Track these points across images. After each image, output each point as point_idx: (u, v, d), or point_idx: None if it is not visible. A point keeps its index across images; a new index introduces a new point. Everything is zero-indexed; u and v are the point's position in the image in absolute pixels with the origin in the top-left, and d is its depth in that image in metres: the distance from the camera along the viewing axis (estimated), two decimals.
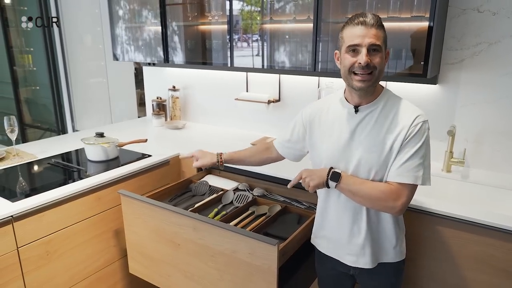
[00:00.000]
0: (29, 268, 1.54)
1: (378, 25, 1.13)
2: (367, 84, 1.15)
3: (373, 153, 1.18)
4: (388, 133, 1.17)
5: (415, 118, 1.15)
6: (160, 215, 1.57)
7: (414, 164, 1.14)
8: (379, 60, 1.13)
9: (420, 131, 1.14)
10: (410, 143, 1.14)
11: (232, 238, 1.39)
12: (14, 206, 1.49)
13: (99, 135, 2.05)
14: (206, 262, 1.50)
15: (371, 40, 1.11)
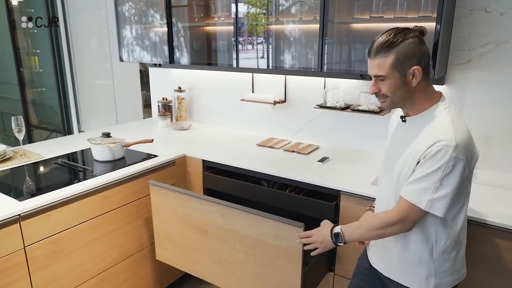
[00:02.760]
0: (36, 267, 1.54)
1: (382, 51, 1.11)
2: (385, 106, 1.19)
3: (403, 168, 1.17)
4: (418, 144, 1.13)
5: (438, 141, 1.07)
6: (190, 203, 1.70)
7: (422, 186, 1.10)
8: (387, 88, 1.14)
9: (437, 155, 1.06)
10: (425, 164, 1.09)
11: (259, 222, 1.51)
12: (22, 205, 1.49)
13: (105, 135, 2.06)
14: (233, 246, 1.63)
15: (373, 71, 1.14)
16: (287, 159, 2.07)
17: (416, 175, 1.11)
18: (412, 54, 1.10)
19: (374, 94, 1.17)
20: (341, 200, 1.71)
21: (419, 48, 1.12)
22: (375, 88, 1.15)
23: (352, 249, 1.72)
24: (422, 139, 1.12)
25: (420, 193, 1.10)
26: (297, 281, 1.50)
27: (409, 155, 1.15)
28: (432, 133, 1.11)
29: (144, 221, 2.00)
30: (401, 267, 1.25)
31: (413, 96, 1.15)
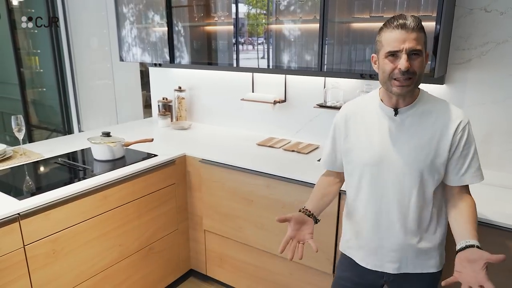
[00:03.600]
0: (35, 266, 1.54)
1: (419, 28, 1.08)
2: (406, 89, 1.11)
3: (419, 155, 1.16)
4: (434, 135, 1.15)
5: (461, 121, 1.14)
6: (238, 176, 1.98)
7: (477, 165, 1.18)
8: (419, 65, 1.10)
9: (470, 134, 1.16)
10: (467, 145, 1.16)
11: (300, 190, 1.77)
12: (21, 204, 1.50)
13: (105, 135, 2.06)
14: (277, 213, 1.85)
15: (411, 45, 1.07)
16: (287, 158, 2.07)
17: (465, 159, 1.16)
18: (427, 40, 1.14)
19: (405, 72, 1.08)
20: (341, 200, 1.71)
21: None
22: (407, 64, 1.07)
23: None
24: (438, 123, 1.15)
25: (479, 170, 1.19)
26: (331, 241, 1.74)
27: (429, 140, 1.15)
28: (448, 115, 1.15)
29: (144, 220, 2.00)
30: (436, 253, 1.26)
31: (420, 81, 1.14)
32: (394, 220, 1.22)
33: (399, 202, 1.21)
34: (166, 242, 2.17)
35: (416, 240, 1.23)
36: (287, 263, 1.97)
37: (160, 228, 2.11)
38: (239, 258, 2.16)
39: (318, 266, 1.85)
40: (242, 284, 2.21)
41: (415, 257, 1.25)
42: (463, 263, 1.05)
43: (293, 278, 1.98)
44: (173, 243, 2.21)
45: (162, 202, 2.08)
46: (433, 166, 1.16)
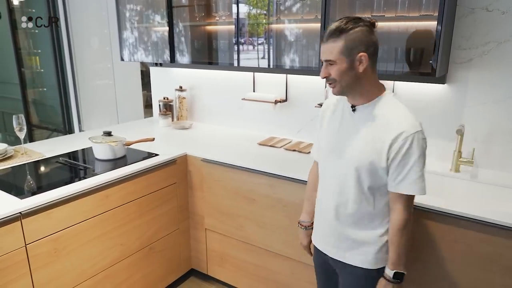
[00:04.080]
0: (37, 265, 1.54)
1: (332, 37, 1.17)
2: (335, 91, 1.23)
3: (360, 154, 1.22)
4: (378, 138, 1.20)
5: (404, 131, 1.16)
6: (240, 176, 1.98)
7: (417, 175, 1.17)
8: (335, 73, 1.18)
9: (413, 144, 1.15)
10: (407, 155, 1.16)
11: (303, 189, 1.64)
12: (23, 203, 1.50)
13: (106, 134, 2.06)
14: (279, 212, 1.89)
15: (324, 56, 1.20)
16: (289, 158, 2.07)
17: (406, 169, 1.17)
18: (359, 41, 1.16)
19: (325, 78, 1.22)
20: None
21: (367, 37, 1.17)
22: (325, 72, 1.20)
23: None
24: (385, 129, 1.19)
25: (419, 181, 1.18)
26: None
27: (372, 142, 1.20)
28: (394, 123, 1.18)
29: (146, 220, 2.00)
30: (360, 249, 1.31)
31: (360, 83, 1.20)
32: (331, 208, 1.32)
33: (338, 193, 1.30)
34: (167, 242, 2.16)
35: (351, 232, 1.30)
36: (288, 262, 1.97)
37: (161, 228, 2.11)
38: (240, 257, 2.16)
39: None
40: (243, 284, 2.21)
41: (351, 249, 1.32)
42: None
43: (295, 277, 1.98)
44: (174, 243, 2.21)
45: (163, 201, 2.08)
46: (372, 167, 1.21)
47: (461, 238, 1.47)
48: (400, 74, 1.83)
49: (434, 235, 1.52)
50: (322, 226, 1.39)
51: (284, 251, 1.97)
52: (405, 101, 1.96)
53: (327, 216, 1.35)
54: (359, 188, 1.25)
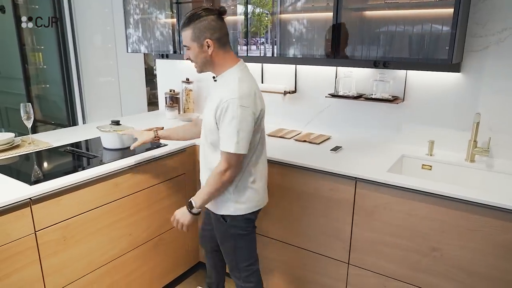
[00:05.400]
0: (46, 253, 1.51)
1: (184, 26, 1.43)
2: (197, 70, 1.52)
3: (207, 111, 1.49)
4: (214, 100, 1.44)
5: (223, 98, 1.39)
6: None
7: (228, 135, 1.39)
8: (191, 55, 1.47)
9: (229, 109, 1.37)
10: (224, 118, 1.39)
11: (316, 178, 1.76)
12: (33, 189, 1.47)
13: (114, 123, 2.03)
14: (291, 201, 1.87)
15: (183, 41, 1.46)
16: (300, 148, 2.04)
17: (222, 129, 1.41)
18: (205, 30, 1.41)
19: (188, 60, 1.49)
20: (357, 188, 1.68)
21: (213, 24, 1.41)
22: (186, 55, 1.49)
23: (367, 241, 1.69)
24: (216, 96, 1.44)
25: (229, 140, 1.39)
26: (348, 229, 1.73)
27: (211, 106, 1.45)
28: (221, 92, 1.43)
29: (154, 210, 1.97)
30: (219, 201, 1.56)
31: (213, 62, 1.47)
32: (201, 164, 1.61)
33: (202, 152, 1.58)
34: (175, 234, 2.13)
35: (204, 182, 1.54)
36: (300, 253, 1.94)
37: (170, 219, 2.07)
38: None
39: (334, 255, 1.82)
40: None
41: (214, 201, 1.56)
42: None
43: (307, 269, 1.94)
44: (182, 235, 2.18)
45: (172, 192, 2.05)
46: (210, 126, 1.46)
47: (480, 226, 1.43)
48: (414, 62, 1.80)
49: (452, 223, 1.49)
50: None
51: (295, 241, 1.93)
52: (419, 91, 1.97)
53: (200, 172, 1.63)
54: (211, 147, 1.51)
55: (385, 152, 1.96)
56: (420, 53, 1.74)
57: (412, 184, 1.54)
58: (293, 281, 2.01)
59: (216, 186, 1.47)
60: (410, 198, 1.56)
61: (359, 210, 1.70)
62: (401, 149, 2.00)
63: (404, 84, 2.02)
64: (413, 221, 1.58)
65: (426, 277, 1.60)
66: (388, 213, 1.62)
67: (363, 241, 1.72)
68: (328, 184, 1.75)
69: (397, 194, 1.58)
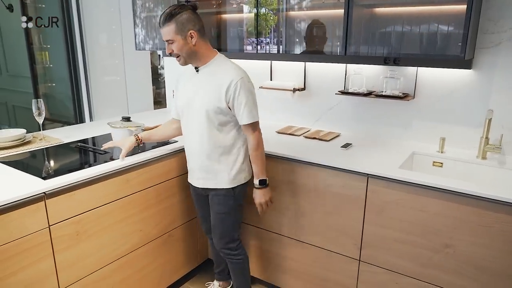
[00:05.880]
0: (59, 247, 1.52)
1: (166, 22, 1.54)
2: (181, 63, 1.63)
3: (206, 99, 1.61)
4: (217, 85, 1.59)
5: (232, 80, 1.57)
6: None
7: (250, 108, 1.60)
8: (176, 48, 1.58)
9: (242, 87, 1.57)
10: (240, 96, 1.57)
11: (328, 174, 1.77)
12: (47, 183, 1.47)
13: (125, 119, 2.03)
14: (302, 198, 1.88)
15: (164, 37, 1.58)
16: (309, 145, 2.04)
17: (239, 105, 1.58)
18: (187, 22, 1.55)
19: (170, 54, 1.59)
20: (368, 184, 1.67)
21: (192, 17, 1.56)
22: (169, 49, 1.59)
23: (379, 238, 1.69)
24: (220, 79, 1.59)
25: (251, 112, 1.61)
26: (359, 226, 1.74)
27: (214, 91, 1.59)
28: (225, 75, 1.59)
29: (164, 207, 1.98)
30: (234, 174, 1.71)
31: (197, 52, 1.61)
32: (195, 146, 1.70)
33: (198, 132, 1.67)
34: (184, 230, 2.14)
35: (207, 164, 1.70)
36: (309, 249, 1.94)
37: (179, 215, 2.08)
38: (258, 245, 2.13)
39: (344, 251, 1.82)
40: (261, 273, 2.17)
41: (210, 177, 1.72)
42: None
43: (317, 266, 1.94)
44: (191, 231, 2.19)
45: (181, 188, 2.06)
46: (217, 108, 1.60)
47: (492, 222, 1.43)
48: (425, 59, 1.80)
49: (464, 219, 1.49)
50: (190, 165, 1.80)
51: (306, 238, 1.93)
52: (429, 88, 1.97)
53: (193, 155, 1.73)
54: (211, 126, 1.63)
55: (396, 149, 1.96)
56: (431, 49, 1.74)
57: (425, 181, 1.53)
58: (303, 278, 2.01)
59: (263, 153, 1.69)
60: (423, 195, 1.56)
61: (371, 206, 1.69)
62: (412, 146, 2.00)
63: (414, 81, 2.02)
64: (425, 217, 1.57)
65: (438, 274, 1.60)
66: (400, 209, 1.62)
67: (374, 237, 1.72)
68: (339, 180, 1.75)
69: (410, 191, 1.58)
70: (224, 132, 1.66)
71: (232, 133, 1.68)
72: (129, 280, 1.85)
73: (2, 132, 1.99)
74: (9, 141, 1.92)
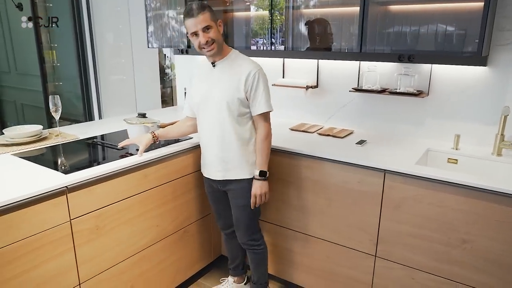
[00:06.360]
0: (80, 241, 1.54)
1: (201, 11, 1.57)
2: (215, 50, 1.65)
3: (226, 91, 1.66)
4: (236, 77, 1.65)
5: (251, 70, 1.64)
6: (275, 157, 1.94)
7: (265, 98, 1.67)
8: (213, 34, 1.61)
9: (259, 78, 1.65)
10: (258, 86, 1.65)
11: (344, 170, 1.79)
12: (68, 177, 1.49)
13: (141, 116, 2.05)
14: (318, 194, 1.89)
15: (200, 25, 1.58)
16: (324, 142, 2.05)
17: (257, 95, 1.65)
18: (215, 13, 1.64)
19: (206, 44, 1.60)
20: (385, 180, 1.68)
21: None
22: (206, 37, 1.60)
23: (395, 233, 1.70)
24: (238, 71, 1.66)
25: (267, 102, 1.67)
26: (375, 221, 1.74)
27: (232, 82, 1.65)
28: (243, 67, 1.66)
29: (180, 202, 1.99)
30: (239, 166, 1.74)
31: (222, 43, 1.68)
32: (215, 140, 1.73)
33: (218, 125, 1.70)
34: (199, 226, 2.15)
35: (228, 155, 1.73)
36: (323, 245, 1.95)
37: (194, 211, 2.10)
38: (272, 241, 2.14)
39: (360, 247, 1.83)
40: (276, 269, 2.18)
41: (231, 168, 1.74)
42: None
43: (330, 261, 1.95)
44: (206, 227, 2.20)
45: (196, 185, 2.07)
46: (237, 99, 1.65)
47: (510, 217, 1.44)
48: (440, 56, 1.81)
49: (480, 214, 1.49)
50: (207, 158, 1.81)
51: (321, 234, 1.94)
52: (443, 85, 1.97)
53: (211, 147, 1.75)
54: (231, 118, 1.67)
55: (410, 146, 1.97)
56: (447, 46, 1.75)
57: (444, 176, 1.54)
58: (317, 274, 2.02)
59: (270, 145, 1.73)
60: (441, 190, 1.56)
61: (388, 202, 1.70)
62: (426, 143, 2.01)
63: (428, 78, 2.02)
64: (443, 213, 1.58)
65: (454, 269, 1.61)
66: (418, 205, 1.63)
67: (390, 233, 1.73)
68: (356, 176, 1.76)
69: (428, 186, 1.59)
70: (242, 124, 1.71)
71: (249, 125, 1.73)
72: (146, 275, 1.87)
73: (20, 128, 2.01)
74: (26, 136, 1.94)
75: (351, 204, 1.81)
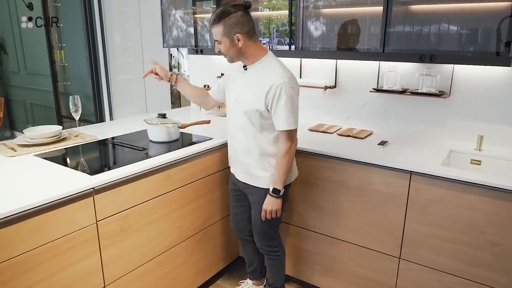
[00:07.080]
0: (106, 243, 1.53)
1: (214, 23, 1.55)
2: (228, 60, 1.66)
3: (248, 100, 1.63)
4: (260, 87, 1.58)
5: (274, 83, 1.54)
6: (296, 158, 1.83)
7: (286, 115, 1.55)
8: (223, 49, 1.60)
9: (282, 92, 1.53)
10: (279, 101, 1.54)
11: (369, 171, 1.76)
12: (95, 179, 1.48)
13: (161, 116, 2.04)
14: (340, 195, 1.88)
15: (213, 37, 1.60)
16: (345, 142, 2.04)
17: (277, 111, 1.56)
18: (234, 25, 1.54)
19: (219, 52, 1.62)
20: (411, 181, 1.67)
21: (241, 20, 1.54)
22: (218, 48, 1.62)
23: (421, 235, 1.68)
24: (263, 82, 1.57)
25: (287, 120, 1.56)
26: (400, 223, 1.73)
27: (256, 92, 1.59)
28: (268, 77, 1.57)
29: (200, 204, 1.98)
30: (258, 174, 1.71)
31: (244, 53, 1.61)
32: (236, 142, 1.74)
33: (241, 130, 1.68)
34: (219, 227, 2.14)
35: (248, 161, 1.71)
36: (345, 247, 1.93)
37: (214, 212, 2.09)
38: (292, 243, 2.12)
39: (384, 249, 1.81)
40: (295, 271, 2.17)
41: (251, 174, 1.73)
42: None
43: (352, 263, 1.94)
44: (225, 228, 2.19)
45: (217, 185, 2.06)
46: (256, 111, 1.60)
47: None
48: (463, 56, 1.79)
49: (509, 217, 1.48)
50: (233, 157, 1.81)
51: (343, 236, 1.93)
52: (466, 85, 1.96)
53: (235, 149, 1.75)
54: (249, 126, 1.64)
55: (432, 147, 1.95)
56: (470, 46, 1.73)
57: (473, 178, 1.53)
58: (338, 276, 2.01)
59: (289, 163, 1.63)
60: (469, 192, 1.55)
61: (413, 203, 1.69)
62: (448, 144, 1.99)
63: (450, 78, 2.00)
64: (470, 215, 1.56)
65: (483, 272, 1.59)
66: (445, 207, 1.61)
67: (416, 235, 1.71)
68: (380, 178, 1.75)
69: (454, 188, 1.57)
70: (265, 134, 1.65)
71: (272, 136, 1.66)
72: (168, 276, 1.86)
73: (40, 129, 2.00)
74: (46, 137, 1.93)
75: (374, 205, 1.79)
